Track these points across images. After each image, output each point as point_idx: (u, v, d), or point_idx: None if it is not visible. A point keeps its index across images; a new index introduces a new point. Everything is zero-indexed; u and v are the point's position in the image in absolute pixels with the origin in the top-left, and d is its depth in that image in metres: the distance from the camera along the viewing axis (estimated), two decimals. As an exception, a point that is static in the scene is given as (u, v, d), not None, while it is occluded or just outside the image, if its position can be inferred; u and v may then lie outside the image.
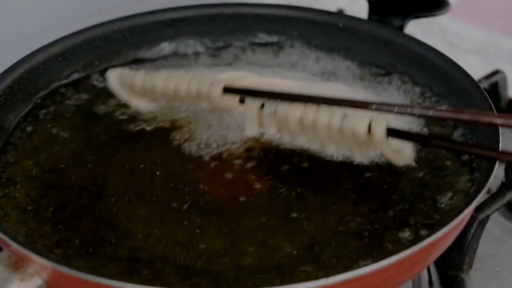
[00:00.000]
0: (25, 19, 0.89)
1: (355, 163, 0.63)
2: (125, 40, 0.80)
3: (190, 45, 0.82)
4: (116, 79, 0.69)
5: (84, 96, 0.75)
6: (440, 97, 0.72)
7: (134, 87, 0.68)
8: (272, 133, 0.62)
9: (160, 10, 0.81)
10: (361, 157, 0.62)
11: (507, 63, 1.02)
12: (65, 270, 0.49)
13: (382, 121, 0.57)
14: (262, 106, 0.62)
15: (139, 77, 0.68)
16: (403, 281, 0.53)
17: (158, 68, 0.80)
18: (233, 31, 0.83)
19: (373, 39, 0.78)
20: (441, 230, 0.50)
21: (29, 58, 0.72)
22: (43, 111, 0.72)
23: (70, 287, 0.51)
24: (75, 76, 0.77)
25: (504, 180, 0.73)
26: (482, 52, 1.10)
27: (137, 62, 0.81)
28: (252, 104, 0.62)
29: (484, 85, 0.87)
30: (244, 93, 0.63)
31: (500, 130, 0.60)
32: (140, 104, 0.70)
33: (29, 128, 0.70)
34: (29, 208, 0.60)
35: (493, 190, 0.72)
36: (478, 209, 0.68)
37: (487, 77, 0.91)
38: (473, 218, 0.67)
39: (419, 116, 0.59)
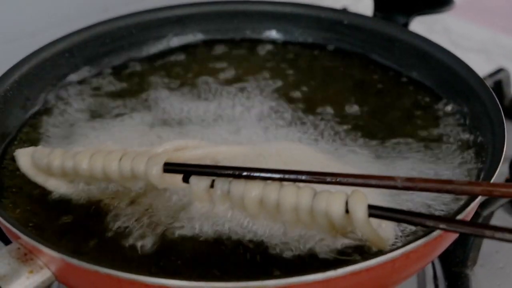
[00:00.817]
0: (31, 16, 0.90)
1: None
2: (131, 37, 0.81)
3: (196, 41, 0.83)
4: (28, 159, 0.60)
5: (90, 91, 0.76)
6: (444, 93, 0.73)
7: (51, 169, 0.57)
8: (224, 213, 0.54)
9: (166, 7, 0.82)
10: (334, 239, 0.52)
11: (510, 62, 1.02)
12: (75, 261, 0.49)
13: (362, 198, 0.48)
14: (212, 184, 0.53)
15: (57, 156, 0.57)
16: (409, 275, 0.54)
17: (162, 65, 0.80)
18: (237, 28, 0.83)
19: (378, 36, 0.78)
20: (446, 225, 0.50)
21: (36, 54, 0.73)
22: (50, 106, 0.73)
23: (79, 279, 0.51)
24: (82, 72, 0.77)
25: (508, 177, 0.73)
26: (485, 51, 1.10)
27: (143, 60, 0.81)
28: (199, 183, 0.53)
29: (488, 83, 0.87)
30: (189, 172, 0.53)
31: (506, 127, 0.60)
32: (59, 186, 0.59)
33: (36, 123, 0.71)
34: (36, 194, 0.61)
35: (498, 186, 0.72)
36: (483, 205, 0.68)
37: (491, 75, 0.92)
38: (477, 214, 0.67)
39: (402, 189, 0.49)
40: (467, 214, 0.53)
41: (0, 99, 0.67)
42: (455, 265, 0.69)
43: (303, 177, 0.50)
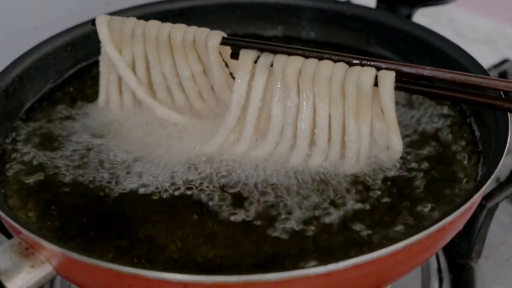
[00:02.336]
0: (33, 10, 0.90)
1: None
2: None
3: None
4: (106, 24, 0.66)
5: (93, 86, 0.75)
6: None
7: (124, 33, 0.66)
8: (261, 87, 0.60)
9: (169, 0, 0.81)
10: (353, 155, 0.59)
11: (515, 53, 1.01)
12: (76, 256, 0.49)
13: (390, 72, 0.55)
14: (256, 61, 0.60)
15: (130, 22, 0.65)
16: (412, 267, 0.53)
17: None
18: (241, 20, 0.82)
19: (382, 27, 0.78)
20: (450, 216, 0.49)
21: (38, 48, 0.73)
22: (52, 100, 0.73)
23: (80, 274, 0.51)
24: (84, 66, 0.77)
25: (513, 168, 0.72)
26: (490, 42, 1.10)
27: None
28: (248, 54, 0.60)
29: (493, 74, 0.87)
30: (242, 46, 0.61)
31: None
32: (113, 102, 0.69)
33: (38, 117, 0.71)
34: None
35: (502, 178, 0.72)
36: (487, 197, 0.68)
37: (496, 66, 0.91)
38: (482, 206, 0.67)
39: (429, 78, 0.57)
40: (471, 205, 0.52)
41: (2, 94, 0.67)
42: (460, 257, 0.69)
43: (335, 58, 0.58)
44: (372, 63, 0.58)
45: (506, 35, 1.12)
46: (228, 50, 0.65)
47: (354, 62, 0.58)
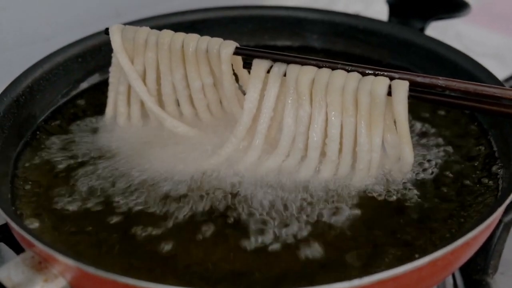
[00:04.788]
0: (44, 20, 0.89)
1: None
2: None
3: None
4: (119, 34, 0.66)
5: (103, 98, 0.74)
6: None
7: (137, 42, 0.65)
8: (273, 97, 0.60)
9: (180, 12, 0.81)
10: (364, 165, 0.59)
11: (524, 67, 1.01)
12: (91, 270, 0.48)
13: (404, 82, 0.55)
14: (269, 71, 0.60)
15: (143, 32, 0.65)
16: (434, 283, 0.53)
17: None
18: (252, 33, 0.82)
19: (395, 41, 0.77)
20: (474, 230, 0.49)
21: (49, 59, 0.72)
22: (63, 112, 0.72)
23: (95, 288, 0.50)
24: (95, 77, 0.77)
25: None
26: (499, 56, 1.09)
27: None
28: (261, 64, 0.60)
29: (504, 88, 0.86)
30: (256, 56, 0.61)
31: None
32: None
33: (49, 128, 0.70)
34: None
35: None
36: (504, 212, 0.67)
37: (506, 80, 0.90)
38: (499, 221, 0.66)
39: (443, 88, 0.57)
40: (494, 219, 0.51)
41: (13, 104, 0.66)
42: (476, 273, 0.67)
43: (348, 68, 0.58)
44: (386, 73, 0.58)
45: (514, 50, 1.12)
46: (238, 63, 0.64)
47: (367, 72, 0.58)
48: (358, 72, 0.58)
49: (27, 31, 0.86)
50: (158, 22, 0.80)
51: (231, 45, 0.62)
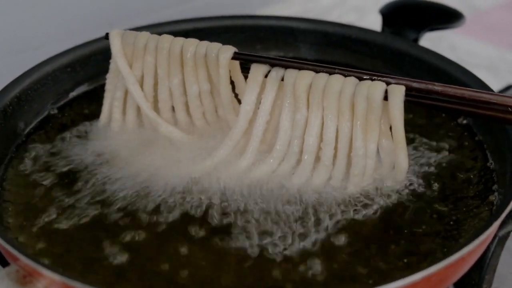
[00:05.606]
0: (34, 29, 0.88)
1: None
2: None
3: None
4: (119, 38, 0.66)
5: (92, 107, 0.73)
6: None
7: (137, 47, 0.66)
8: (270, 100, 0.60)
9: (173, 22, 0.80)
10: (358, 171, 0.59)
11: (517, 79, 1.01)
12: (77, 285, 0.47)
13: (400, 87, 0.56)
14: (267, 75, 0.61)
15: (143, 36, 0.66)
16: (428, 299, 0.51)
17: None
18: (245, 43, 0.81)
19: (388, 51, 0.77)
20: (470, 245, 0.48)
21: (38, 68, 0.71)
22: (51, 122, 0.71)
23: (81, 303, 0.48)
24: (84, 87, 0.75)
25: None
26: (493, 68, 1.09)
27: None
28: (258, 68, 0.60)
29: (498, 99, 0.86)
30: (253, 60, 0.61)
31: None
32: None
33: (36, 138, 0.69)
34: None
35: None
36: (499, 226, 0.66)
37: (500, 92, 0.90)
38: (493, 235, 0.65)
39: (439, 94, 0.57)
40: (490, 233, 0.50)
41: (0, 114, 0.65)
42: (471, 287, 0.66)
43: (346, 73, 0.58)
44: (383, 78, 0.58)
45: (507, 61, 1.11)
46: (236, 69, 0.64)
47: (364, 77, 0.58)
48: (355, 77, 0.58)
49: (17, 40, 0.85)
50: (151, 31, 0.79)
51: (230, 49, 0.63)
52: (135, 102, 0.67)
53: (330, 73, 0.58)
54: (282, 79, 0.60)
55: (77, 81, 0.75)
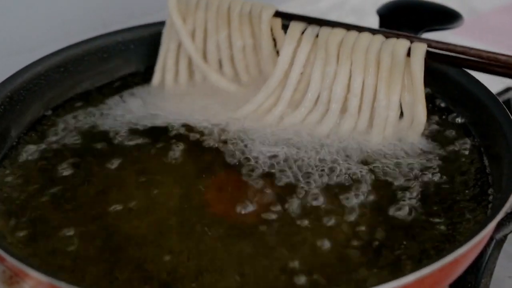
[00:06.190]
0: (29, 31, 0.88)
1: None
2: (130, 52, 0.78)
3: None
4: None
5: (88, 108, 0.73)
6: (454, 107, 0.70)
7: (190, 3, 0.73)
8: (305, 53, 0.67)
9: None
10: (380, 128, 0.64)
11: (518, 81, 1.00)
12: (65, 286, 0.46)
13: (422, 45, 0.62)
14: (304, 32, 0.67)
15: None
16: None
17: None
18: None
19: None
20: (464, 246, 0.47)
21: (30, 68, 0.70)
22: (44, 123, 0.70)
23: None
24: (78, 88, 0.75)
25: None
26: (492, 71, 1.08)
27: (141, 75, 0.79)
28: (296, 26, 0.68)
29: (496, 102, 0.85)
30: (293, 18, 0.68)
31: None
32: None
33: (28, 139, 0.68)
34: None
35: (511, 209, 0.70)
36: (496, 228, 0.65)
37: (499, 94, 0.89)
38: (490, 237, 0.64)
39: (459, 52, 0.64)
40: (485, 235, 0.50)
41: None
42: (467, 291, 0.66)
43: (374, 32, 0.65)
44: (408, 36, 0.64)
45: (507, 64, 1.10)
46: (277, 27, 0.72)
47: (390, 36, 0.65)
48: (383, 35, 0.65)
49: (11, 42, 0.85)
50: (145, 32, 0.79)
51: (272, 8, 0.71)
52: (187, 54, 0.74)
53: (360, 31, 0.65)
54: (317, 36, 0.66)
55: (71, 81, 0.74)
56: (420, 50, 0.63)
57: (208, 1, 0.73)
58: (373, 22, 0.83)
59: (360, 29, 0.65)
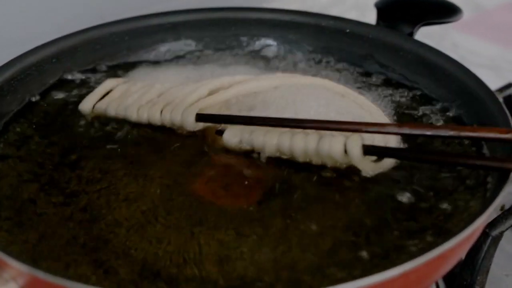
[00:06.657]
0: (23, 24, 0.87)
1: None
2: (124, 43, 0.78)
3: (191, 49, 0.79)
4: (90, 109, 0.69)
5: (77, 99, 0.72)
6: (451, 103, 0.69)
7: (108, 116, 0.68)
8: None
9: (161, 13, 0.78)
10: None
11: (519, 78, 0.99)
12: (45, 276, 0.45)
13: (357, 140, 0.58)
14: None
15: (112, 108, 0.68)
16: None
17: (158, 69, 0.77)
18: (236, 36, 0.80)
19: (382, 46, 0.75)
20: (451, 241, 0.46)
21: (22, 58, 0.70)
22: (34, 113, 0.69)
23: (49, 294, 0.47)
24: (69, 78, 0.74)
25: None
26: (495, 67, 1.08)
27: (134, 66, 0.78)
28: (232, 139, 0.63)
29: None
30: (217, 121, 0.64)
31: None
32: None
33: (18, 130, 0.67)
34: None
35: (508, 206, 0.68)
36: (491, 225, 0.64)
37: (501, 90, 0.88)
38: (486, 234, 0.63)
39: (399, 134, 0.60)
40: (473, 231, 0.48)
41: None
42: (462, 288, 0.65)
43: (310, 125, 0.61)
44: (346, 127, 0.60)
45: (509, 60, 1.10)
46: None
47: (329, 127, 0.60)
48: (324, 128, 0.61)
49: (4, 35, 0.84)
50: (139, 24, 0.78)
51: (191, 114, 0.65)
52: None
53: (294, 126, 0.61)
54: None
55: (64, 72, 0.74)
56: (356, 149, 0.58)
57: (126, 115, 0.68)
58: (374, 17, 0.82)
59: (297, 124, 0.61)
